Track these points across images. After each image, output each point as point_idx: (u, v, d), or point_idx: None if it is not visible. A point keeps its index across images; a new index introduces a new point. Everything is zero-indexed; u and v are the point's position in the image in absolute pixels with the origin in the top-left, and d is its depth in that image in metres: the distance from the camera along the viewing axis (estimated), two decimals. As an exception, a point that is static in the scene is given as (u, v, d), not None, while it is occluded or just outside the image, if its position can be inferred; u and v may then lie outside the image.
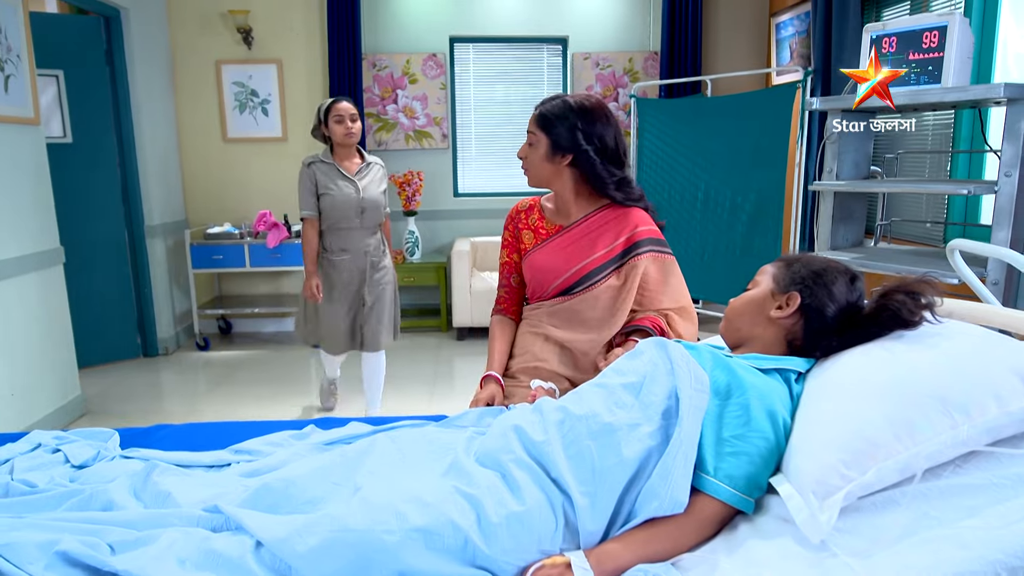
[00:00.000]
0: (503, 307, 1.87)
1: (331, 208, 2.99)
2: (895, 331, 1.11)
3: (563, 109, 1.65)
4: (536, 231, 1.78)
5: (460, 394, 3.89)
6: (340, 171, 3.01)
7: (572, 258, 1.71)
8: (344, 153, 3.04)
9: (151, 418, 3.56)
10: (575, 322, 1.71)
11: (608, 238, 1.70)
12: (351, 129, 2.96)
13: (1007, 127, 2.06)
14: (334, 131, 2.97)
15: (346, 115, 2.95)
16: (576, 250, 1.71)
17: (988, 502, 0.88)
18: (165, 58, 4.69)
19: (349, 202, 3.00)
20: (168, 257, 4.69)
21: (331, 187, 2.99)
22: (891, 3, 3.73)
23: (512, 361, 1.81)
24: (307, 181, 3.00)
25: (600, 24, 5.10)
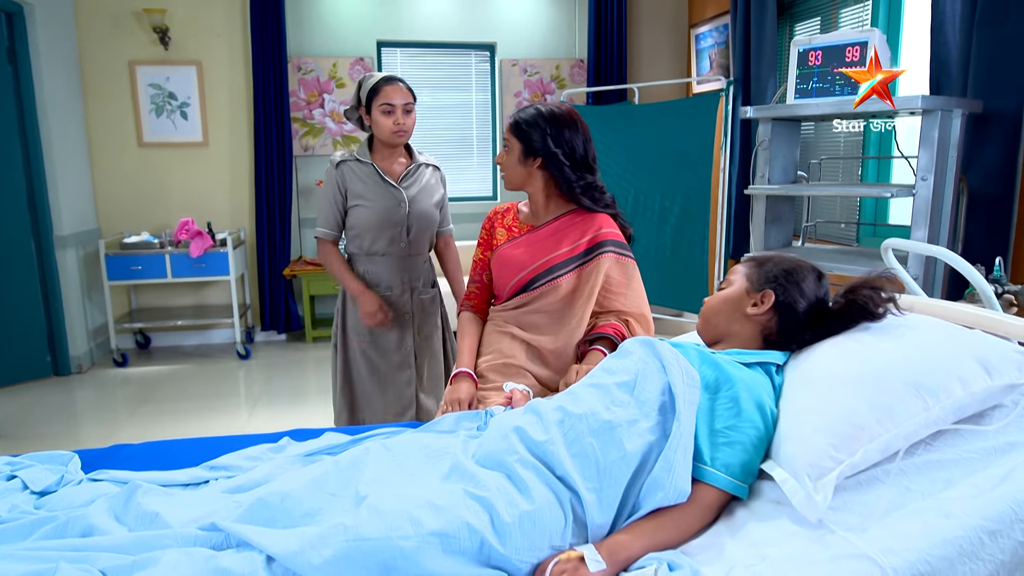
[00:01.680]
0: (473, 303, 1.94)
1: (366, 226, 2.24)
2: (861, 323, 1.20)
3: (535, 116, 1.74)
4: (509, 229, 1.87)
5: (402, 401, 3.85)
6: (380, 174, 2.26)
7: (536, 254, 1.79)
8: (387, 152, 2.29)
9: (66, 442, 3.34)
10: (538, 320, 1.78)
11: (573, 237, 1.78)
12: (403, 125, 2.22)
13: (923, 135, 2.24)
14: (379, 123, 2.20)
15: (399, 105, 2.19)
16: (542, 247, 1.79)
17: (961, 474, 0.97)
18: (73, 57, 4.41)
19: (389, 218, 2.24)
20: (81, 268, 4.41)
21: (367, 196, 2.24)
22: (803, 19, 3.98)
23: (480, 360, 1.85)
24: (331, 186, 2.25)
25: (527, 31, 5.18)
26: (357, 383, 2.34)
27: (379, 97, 2.18)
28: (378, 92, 2.19)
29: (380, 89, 2.19)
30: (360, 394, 2.34)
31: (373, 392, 2.33)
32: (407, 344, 2.33)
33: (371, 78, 2.23)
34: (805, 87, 2.51)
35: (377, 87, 2.19)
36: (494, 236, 1.90)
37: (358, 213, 2.24)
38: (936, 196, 2.25)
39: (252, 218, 4.93)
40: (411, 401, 2.35)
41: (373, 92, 2.19)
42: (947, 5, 2.63)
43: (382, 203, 2.23)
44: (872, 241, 3.39)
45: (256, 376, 4.34)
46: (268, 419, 3.56)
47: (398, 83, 2.21)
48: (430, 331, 2.40)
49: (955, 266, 1.52)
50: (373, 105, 2.19)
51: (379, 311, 2.23)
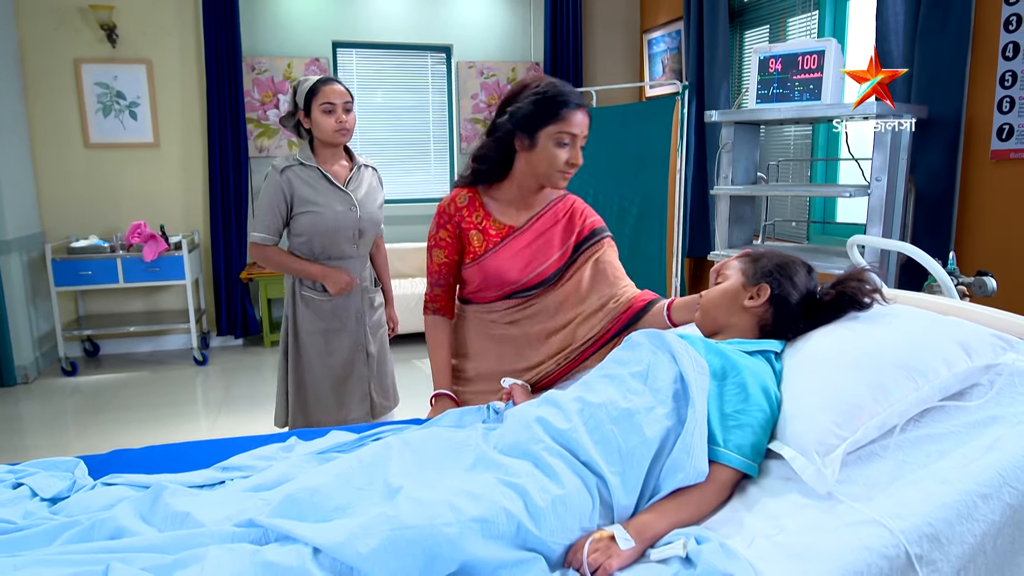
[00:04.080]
0: (439, 306, 1.80)
1: (317, 231, 2.22)
2: (850, 313, 1.31)
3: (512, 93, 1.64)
4: (485, 232, 1.71)
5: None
6: (329, 179, 2.25)
7: (530, 262, 1.71)
8: (330, 154, 2.27)
9: (14, 455, 3.22)
10: (537, 318, 1.74)
11: (562, 237, 1.73)
12: (346, 123, 2.21)
13: (876, 139, 2.40)
14: (320, 124, 2.18)
15: (339, 104, 2.19)
16: (532, 253, 1.71)
17: (951, 446, 1.07)
18: (13, 54, 4.24)
19: (342, 222, 2.24)
20: (25, 274, 4.23)
21: (317, 202, 2.21)
22: (752, 26, 4.16)
23: (466, 363, 1.82)
24: (276, 193, 2.19)
25: (483, 34, 5.24)
26: (311, 385, 2.33)
27: (318, 97, 2.17)
28: (316, 93, 2.18)
29: (318, 90, 2.18)
30: (314, 395, 2.34)
31: (329, 392, 2.34)
32: (361, 343, 2.36)
33: (306, 81, 2.23)
34: (766, 92, 2.65)
35: (315, 88, 2.19)
36: (467, 241, 1.71)
37: (308, 219, 2.21)
38: (889, 195, 2.42)
39: (206, 221, 4.83)
40: (366, 399, 2.39)
41: (311, 93, 2.19)
42: (890, 16, 2.82)
43: (333, 208, 2.23)
44: (821, 239, 3.58)
45: (215, 382, 4.25)
46: (231, 426, 3.50)
47: (335, 82, 2.21)
48: (377, 329, 2.44)
49: (919, 260, 1.66)
50: (313, 106, 2.18)
51: (348, 276, 2.28)
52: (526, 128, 1.58)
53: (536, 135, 1.58)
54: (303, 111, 2.22)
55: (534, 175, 1.65)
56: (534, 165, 1.62)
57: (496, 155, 1.65)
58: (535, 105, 1.56)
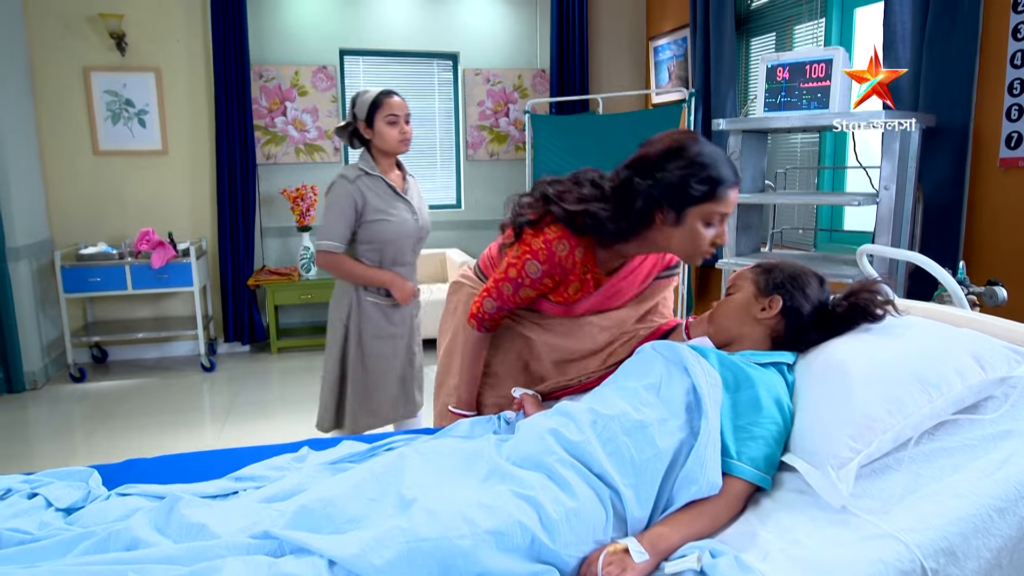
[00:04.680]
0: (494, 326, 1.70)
1: (388, 239, 2.30)
2: (862, 324, 1.31)
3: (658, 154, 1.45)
4: (584, 283, 1.58)
5: (376, 410, 3.85)
6: (393, 188, 2.33)
7: (612, 297, 1.65)
8: (387, 164, 2.36)
9: (22, 462, 3.23)
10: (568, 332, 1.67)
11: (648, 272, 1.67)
12: (407, 133, 2.30)
13: (884, 147, 2.40)
14: (384, 134, 2.26)
15: (401, 115, 2.28)
16: (617, 290, 1.64)
17: (966, 460, 1.07)
18: (23, 62, 4.27)
19: (408, 230, 2.34)
20: (34, 281, 4.25)
21: (387, 210, 2.29)
22: (758, 33, 4.17)
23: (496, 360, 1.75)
24: (347, 202, 2.25)
25: (490, 41, 5.26)
26: (374, 387, 2.40)
27: (382, 109, 2.26)
28: (380, 105, 2.27)
29: (382, 102, 2.27)
30: (378, 397, 2.41)
31: (392, 393, 2.43)
32: (412, 346, 2.47)
33: (366, 93, 2.30)
34: (774, 101, 2.65)
35: (379, 100, 2.27)
36: (565, 286, 1.58)
37: (380, 228, 2.29)
38: (897, 204, 2.41)
39: (214, 227, 4.85)
40: (412, 397, 2.50)
41: (375, 105, 2.27)
42: (898, 24, 2.82)
43: (401, 216, 2.32)
44: (829, 246, 3.58)
45: (222, 389, 4.26)
46: (239, 433, 3.51)
47: (396, 95, 2.31)
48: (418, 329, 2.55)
49: (929, 270, 1.65)
50: (376, 117, 2.26)
51: (411, 285, 2.39)
52: (674, 203, 1.39)
53: (685, 212, 1.39)
54: (364, 122, 2.29)
55: (669, 248, 1.49)
56: (673, 241, 1.44)
57: (631, 225, 1.44)
58: (690, 180, 1.36)
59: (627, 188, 1.43)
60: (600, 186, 1.48)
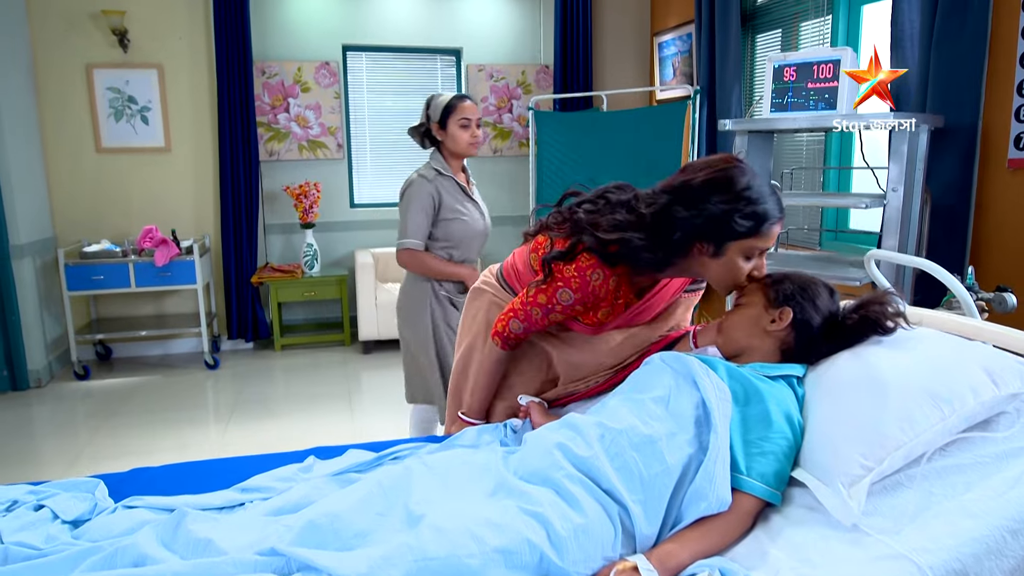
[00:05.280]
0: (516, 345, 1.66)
1: (464, 237, 2.43)
2: (873, 337, 1.30)
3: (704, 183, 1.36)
4: (615, 308, 1.55)
5: (380, 409, 3.86)
6: (463, 188, 2.46)
7: (640, 316, 1.62)
8: (456, 166, 2.48)
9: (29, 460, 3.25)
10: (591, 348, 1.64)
11: (676, 287, 1.64)
12: (479, 137, 2.43)
13: (893, 148, 2.38)
14: (457, 137, 2.38)
15: (473, 118, 2.40)
16: (645, 309, 1.61)
17: (978, 478, 1.06)
18: (25, 60, 4.25)
19: (478, 230, 2.48)
20: (38, 279, 4.25)
21: (462, 210, 2.42)
22: (764, 30, 4.13)
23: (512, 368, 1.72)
24: (427, 201, 2.37)
25: (493, 37, 5.23)
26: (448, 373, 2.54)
27: (456, 113, 2.37)
28: (454, 108, 2.37)
29: (456, 106, 2.38)
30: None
31: None
32: None
33: (440, 97, 2.40)
34: (780, 101, 2.63)
35: (453, 104, 2.38)
36: (596, 309, 1.53)
37: (456, 226, 2.41)
38: (905, 206, 2.40)
39: (217, 225, 4.84)
40: None
41: (449, 109, 2.37)
42: (906, 23, 2.79)
43: (472, 215, 2.45)
44: (834, 245, 3.56)
45: (226, 386, 4.27)
46: (243, 433, 3.52)
47: (469, 99, 2.43)
48: None
49: (939, 277, 1.64)
50: (450, 121, 2.37)
51: None
52: (716, 237, 1.32)
53: (725, 246, 1.33)
54: (438, 124, 2.39)
55: (703, 276, 1.45)
56: (710, 272, 1.40)
57: (669, 255, 1.38)
58: (734, 215, 1.29)
59: (666, 216, 1.35)
60: (635, 210, 1.40)
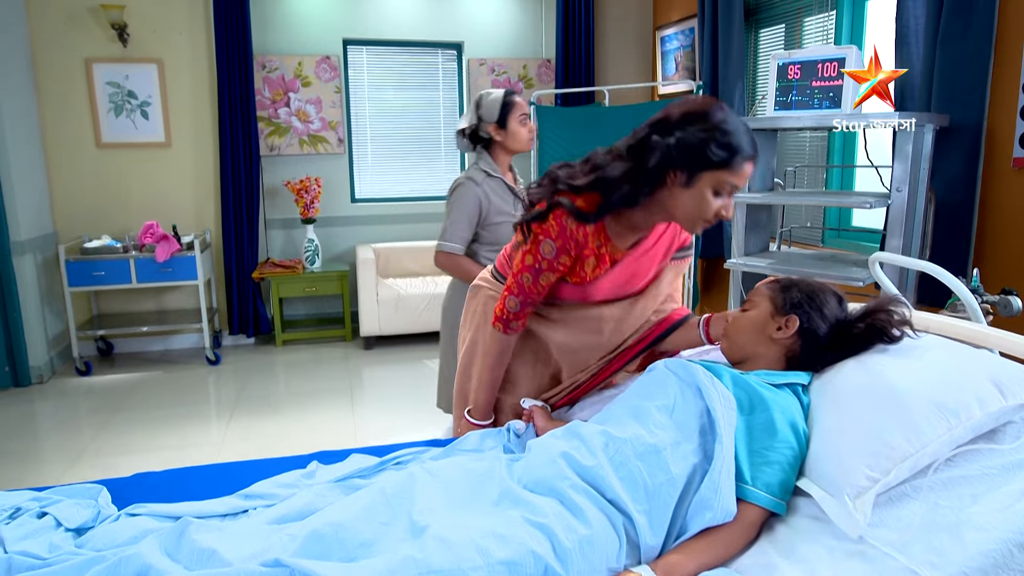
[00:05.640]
0: (521, 325, 1.64)
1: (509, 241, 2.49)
2: (878, 345, 1.29)
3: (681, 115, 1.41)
4: (600, 259, 1.54)
5: (382, 405, 3.86)
6: (512, 190, 2.36)
7: (632, 279, 1.61)
8: (506, 165, 2.39)
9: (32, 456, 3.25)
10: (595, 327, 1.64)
11: (665, 251, 1.63)
12: (534, 132, 2.36)
13: (897, 148, 2.37)
14: (518, 134, 2.30)
15: (528, 113, 2.34)
16: (635, 271, 1.60)
17: (985, 490, 1.06)
18: (24, 54, 4.23)
19: None
20: (39, 275, 4.24)
21: (511, 213, 2.33)
22: (768, 25, 4.11)
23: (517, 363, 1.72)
24: (474, 205, 2.28)
25: (495, 30, 5.19)
26: None
27: (516, 109, 2.29)
28: (513, 105, 2.29)
29: (515, 103, 2.30)
30: None
31: None
32: None
33: (491, 95, 2.30)
34: (784, 99, 2.61)
35: (511, 101, 2.29)
36: (582, 265, 1.54)
37: (504, 229, 2.31)
38: (909, 205, 2.38)
39: (218, 220, 4.83)
40: None
41: (508, 106, 2.28)
42: (911, 20, 2.77)
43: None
44: (837, 242, 3.55)
45: (228, 382, 4.27)
46: (246, 429, 3.51)
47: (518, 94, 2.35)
48: None
49: (945, 281, 1.63)
50: (510, 118, 2.28)
51: None
52: (689, 165, 1.35)
53: (697, 175, 1.35)
54: (496, 123, 2.29)
55: (673, 214, 1.44)
56: (680, 204, 1.40)
57: (643, 185, 1.40)
58: (709, 143, 1.32)
59: (644, 144, 1.39)
60: (613, 151, 1.46)
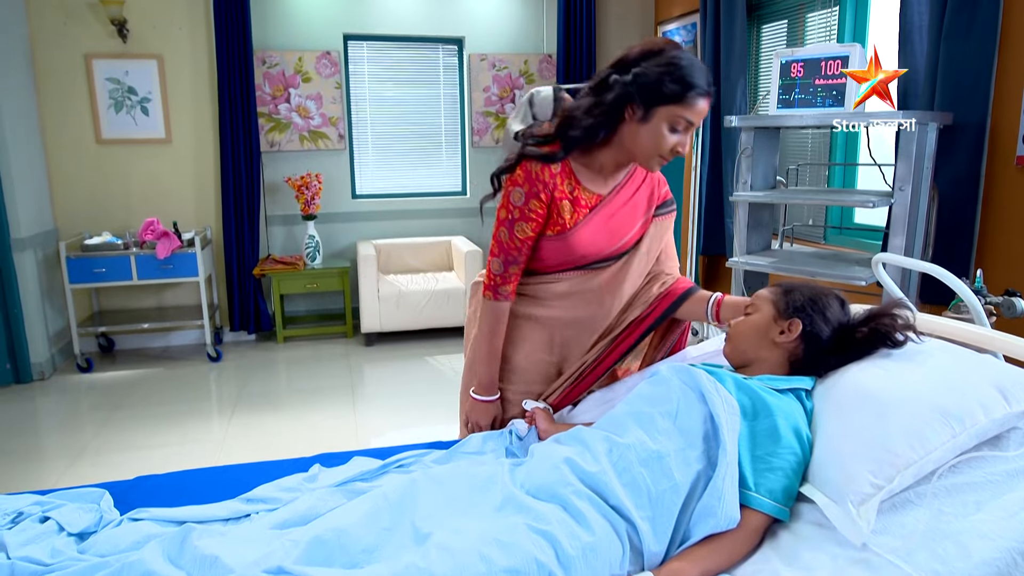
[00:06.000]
0: (511, 291, 1.62)
1: None
2: (882, 349, 1.29)
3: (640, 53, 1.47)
4: (576, 203, 1.55)
5: (384, 402, 3.86)
6: None
7: (616, 232, 1.59)
8: None
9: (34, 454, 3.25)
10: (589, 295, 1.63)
11: (647, 202, 1.64)
12: None
13: (900, 146, 2.36)
14: None
15: None
16: (619, 222, 1.59)
17: (989, 497, 1.05)
18: (23, 50, 4.21)
19: None
20: (40, 272, 4.24)
21: None
22: (770, 20, 4.09)
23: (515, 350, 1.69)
24: None
25: (496, 26, 5.17)
26: None
27: None
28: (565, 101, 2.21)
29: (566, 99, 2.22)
30: None
31: None
32: None
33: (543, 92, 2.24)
34: (787, 98, 2.60)
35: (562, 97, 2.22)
36: (558, 212, 1.53)
37: None
38: (912, 205, 2.37)
39: (218, 217, 4.82)
40: None
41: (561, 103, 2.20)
42: (915, 17, 2.75)
43: None
44: (839, 239, 3.54)
45: (229, 379, 4.27)
46: (247, 427, 3.52)
47: None
48: None
49: (948, 283, 1.62)
50: None
51: None
52: (645, 99, 1.41)
53: (652, 110, 1.41)
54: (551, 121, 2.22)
55: (632, 150, 1.49)
56: (638, 140, 1.46)
57: (603, 119, 1.46)
58: (663, 77, 1.38)
59: (603, 83, 1.47)
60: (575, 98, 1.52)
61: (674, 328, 1.73)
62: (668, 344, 1.75)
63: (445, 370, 4.36)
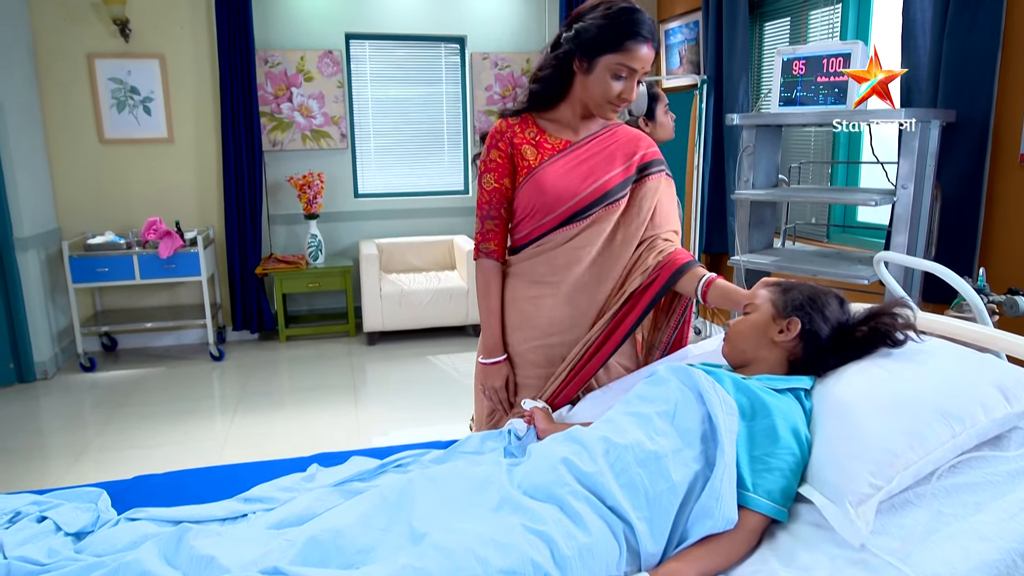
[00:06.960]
0: (493, 246, 1.66)
1: None
2: (882, 349, 1.28)
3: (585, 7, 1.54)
4: (539, 146, 1.61)
5: (386, 401, 3.86)
6: None
7: (589, 175, 1.59)
8: None
9: (37, 452, 3.26)
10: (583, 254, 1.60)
11: (625, 153, 1.63)
12: None
13: (903, 145, 2.34)
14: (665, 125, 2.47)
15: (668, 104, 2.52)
16: (593, 166, 1.60)
17: (989, 498, 1.05)
18: (26, 50, 4.22)
19: None
20: (43, 271, 4.25)
21: None
22: (772, 18, 4.07)
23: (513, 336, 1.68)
24: None
25: (498, 24, 5.16)
26: None
27: (661, 101, 2.42)
28: (659, 97, 2.40)
29: (659, 95, 2.40)
30: None
31: None
32: None
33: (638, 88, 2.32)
34: (789, 95, 2.59)
35: (655, 93, 2.37)
36: (521, 156, 1.59)
37: None
38: (915, 203, 2.36)
39: (221, 216, 4.83)
40: None
41: (655, 99, 2.38)
42: (917, 15, 2.74)
43: None
44: (842, 237, 3.53)
45: (232, 378, 4.27)
46: (249, 426, 3.52)
47: None
48: None
49: (950, 282, 1.62)
50: (658, 110, 2.42)
51: None
52: (586, 51, 1.49)
53: (595, 61, 1.50)
54: (645, 116, 2.38)
55: (585, 101, 1.57)
56: (587, 91, 1.54)
57: (555, 74, 1.56)
58: (600, 30, 1.47)
59: (556, 42, 1.58)
60: None
61: (677, 306, 1.70)
62: (674, 324, 1.71)
63: (447, 369, 4.36)
